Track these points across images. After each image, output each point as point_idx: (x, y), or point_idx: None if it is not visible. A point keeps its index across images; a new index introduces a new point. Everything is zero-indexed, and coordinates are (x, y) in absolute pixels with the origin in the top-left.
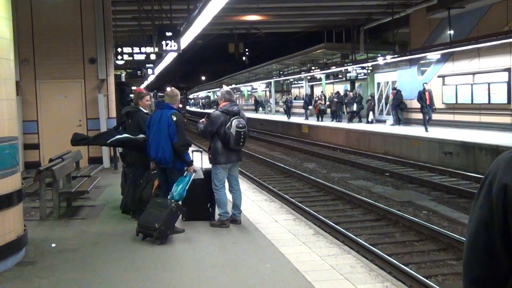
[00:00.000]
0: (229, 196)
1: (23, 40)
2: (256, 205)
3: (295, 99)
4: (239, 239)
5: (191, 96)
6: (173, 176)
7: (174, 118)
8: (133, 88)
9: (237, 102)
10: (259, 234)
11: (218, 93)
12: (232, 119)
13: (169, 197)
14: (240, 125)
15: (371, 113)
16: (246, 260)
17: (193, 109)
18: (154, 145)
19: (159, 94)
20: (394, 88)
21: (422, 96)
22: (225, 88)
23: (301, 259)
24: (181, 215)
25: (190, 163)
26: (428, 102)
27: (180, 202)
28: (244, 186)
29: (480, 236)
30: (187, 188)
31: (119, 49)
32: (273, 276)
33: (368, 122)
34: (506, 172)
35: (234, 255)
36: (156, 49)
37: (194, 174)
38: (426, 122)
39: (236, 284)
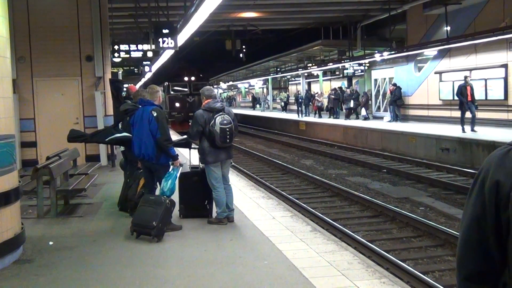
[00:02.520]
0: None
1: (19, 38)
2: (253, 202)
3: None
4: (237, 236)
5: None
6: (159, 172)
7: (155, 114)
8: (126, 86)
9: (236, 99)
10: (256, 231)
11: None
12: (215, 116)
13: (159, 193)
14: (225, 122)
15: (363, 109)
16: (244, 257)
17: None
18: (137, 142)
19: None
20: (394, 84)
21: (462, 90)
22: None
23: (298, 255)
24: (179, 213)
25: (176, 157)
26: (469, 98)
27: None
28: (242, 183)
29: (473, 232)
30: (176, 182)
31: (116, 47)
32: (270, 273)
33: (358, 117)
34: (498, 169)
35: (232, 252)
36: (153, 47)
37: (181, 168)
38: (474, 121)
39: (233, 281)
